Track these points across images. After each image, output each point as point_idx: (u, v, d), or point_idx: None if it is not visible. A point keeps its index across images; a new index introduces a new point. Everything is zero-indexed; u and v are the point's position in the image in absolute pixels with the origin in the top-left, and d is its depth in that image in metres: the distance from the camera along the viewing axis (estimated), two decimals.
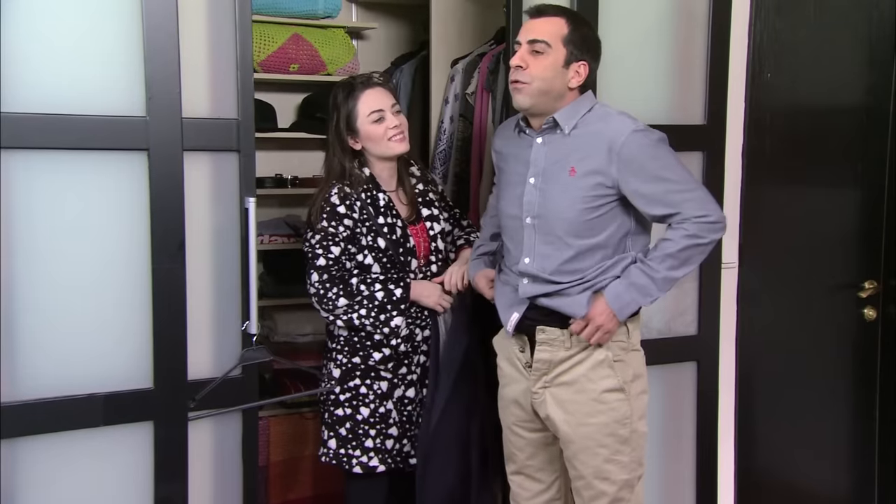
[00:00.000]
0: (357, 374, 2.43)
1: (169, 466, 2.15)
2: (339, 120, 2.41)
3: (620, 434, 2.16)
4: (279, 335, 3.69)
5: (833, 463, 3.21)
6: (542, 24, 2.12)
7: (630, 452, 2.18)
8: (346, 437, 2.44)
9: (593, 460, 2.16)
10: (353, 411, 2.43)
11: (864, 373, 3.17)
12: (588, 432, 2.16)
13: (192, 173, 2.14)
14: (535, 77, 2.10)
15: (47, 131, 2.00)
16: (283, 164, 3.73)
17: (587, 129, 2.14)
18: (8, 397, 2.00)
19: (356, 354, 2.43)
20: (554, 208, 2.14)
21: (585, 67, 2.14)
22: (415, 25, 3.89)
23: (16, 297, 2.01)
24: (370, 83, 2.42)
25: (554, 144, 2.16)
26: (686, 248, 2.10)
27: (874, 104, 3.09)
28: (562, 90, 2.13)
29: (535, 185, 2.17)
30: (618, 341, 2.17)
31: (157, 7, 2.05)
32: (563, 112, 2.15)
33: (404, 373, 2.46)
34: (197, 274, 2.17)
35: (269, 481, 3.38)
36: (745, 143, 2.88)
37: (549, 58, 2.10)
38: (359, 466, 2.43)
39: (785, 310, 3.07)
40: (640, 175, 2.09)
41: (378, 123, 2.39)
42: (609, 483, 2.17)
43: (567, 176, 2.13)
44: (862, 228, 3.13)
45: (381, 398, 2.43)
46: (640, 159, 2.09)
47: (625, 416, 2.16)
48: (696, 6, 2.68)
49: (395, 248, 2.39)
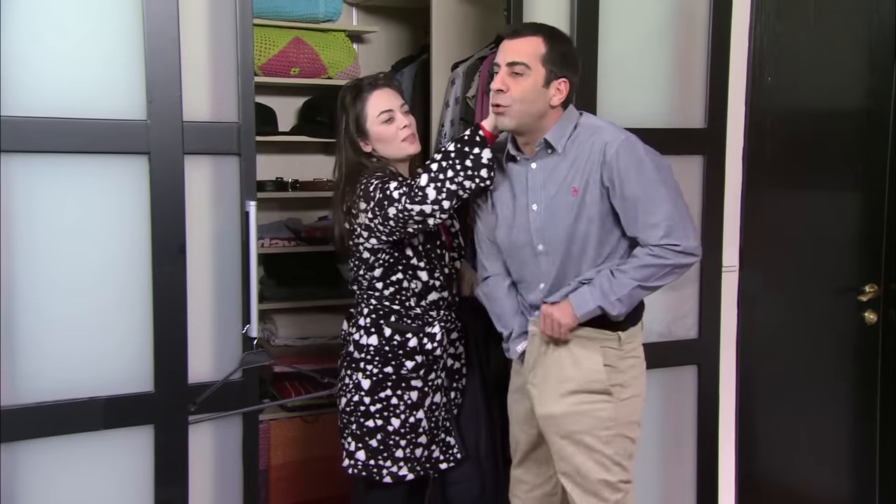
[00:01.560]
0: (388, 384, 2.36)
1: (169, 470, 2.14)
2: (348, 123, 2.37)
3: (601, 435, 2.16)
4: (280, 339, 3.69)
5: (834, 467, 3.20)
6: (519, 45, 2.13)
7: (612, 455, 2.17)
8: (377, 448, 2.37)
9: (574, 454, 2.17)
10: (385, 422, 2.36)
11: (864, 376, 3.17)
12: (567, 422, 2.16)
13: (192, 177, 2.14)
14: (517, 100, 2.11)
15: (48, 135, 2.00)
16: (284, 168, 3.73)
17: (578, 145, 2.14)
18: (8, 401, 2.00)
19: (388, 364, 2.35)
20: (561, 231, 2.15)
21: (566, 84, 2.14)
22: (415, 29, 3.89)
23: (16, 301, 2.01)
24: (377, 84, 2.39)
25: (549, 168, 2.17)
26: (647, 266, 2.10)
27: (874, 108, 3.09)
28: (544, 109, 2.14)
29: (538, 211, 2.18)
30: (610, 347, 2.18)
31: (158, 10, 2.05)
32: (553, 132, 2.15)
33: (433, 378, 2.42)
34: (197, 277, 2.17)
35: (269, 485, 3.38)
36: (745, 146, 2.88)
37: (528, 79, 2.11)
38: (389, 476, 2.37)
39: (786, 313, 3.06)
40: (622, 186, 2.09)
41: (388, 124, 2.35)
42: (589, 481, 2.17)
43: (570, 197, 2.13)
44: (862, 232, 3.13)
45: (412, 408, 2.37)
46: (625, 171, 2.09)
47: (610, 417, 2.17)
48: (697, 10, 2.68)
49: (433, 241, 2.36)
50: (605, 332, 2.17)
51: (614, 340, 2.18)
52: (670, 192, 2.12)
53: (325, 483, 3.34)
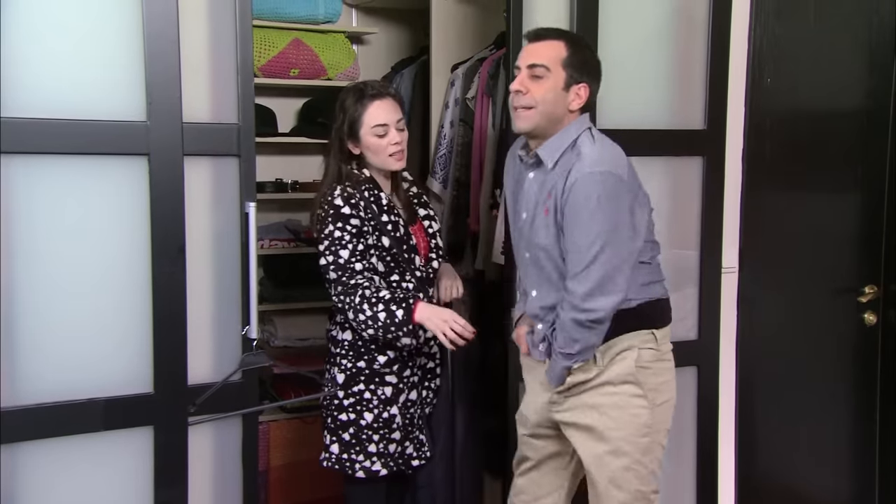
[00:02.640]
0: (361, 378, 2.42)
1: (169, 471, 2.14)
2: (343, 122, 2.40)
3: (640, 443, 2.16)
4: (279, 340, 3.69)
5: (834, 468, 3.20)
6: (541, 48, 2.13)
7: (648, 463, 2.17)
8: (350, 441, 2.43)
9: (610, 466, 2.16)
10: (357, 416, 2.43)
11: (864, 377, 3.17)
12: (608, 437, 2.15)
13: (192, 178, 2.14)
14: (537, 101, 2.11)
15: (48, 136, 1.99)
16: (284, 169, 3.73)
17: (568, 161, 2.12)
18: (8, 402, 2.00)
19: (361, 358, 2.43)
20: (539, 245, 2.16)
21: (586, 89, 2.15)
22: (415, 30, 3.90)
23: (16, 302, 2.00)
24: (381, 94, 2.40)
25: (539, 181, 2.17)
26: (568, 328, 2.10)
27: (874, 108, 3.09)
28: (562, 113, 2.14)
29: (526, 219, 2.20)
30: (646, 348, 2.17)
31: (158, 12, 2.05)
32: (548, 145, 2.14)
33: (407, 375, 2.46)
34: (197, 278, 2.17)
35: (269, 486, 3.38)
36: (745, 147, 2.88)
37: (548, 81, 2.11)
38: (362, 471, 2.43)
39: (785, 314, 3.06)
40: (567, 215, 2.06)
41: (380, 138, 2.37)
42: (623, 492, 2.16)
43: (543, 216, 2.14)
44: (862, 233, 3.12)
45: (386, 403, 2.43)
46: (575, 203, 2.05)
47: (646, 423, 2.16)
48: (696, 11, 2.68)
49: (399, 246, 2.39)
50: (641, 334, 2.17)
51: (651, 340, 2.18)
52: (607, 252, 2.03)
53: (325, 484, 3.34)
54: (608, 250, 2.03)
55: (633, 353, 2.16)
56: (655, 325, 2.20)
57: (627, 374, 2.15)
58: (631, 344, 2.16)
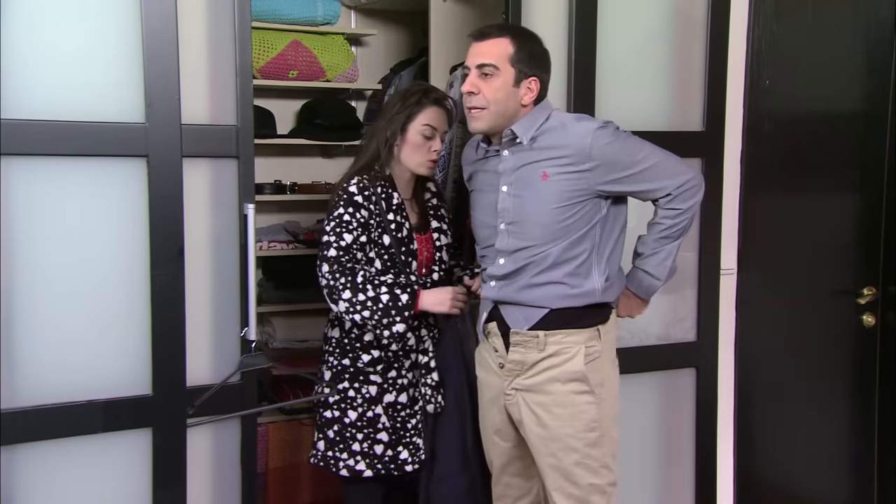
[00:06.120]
0: (346, 376, 2.44)
1: (167, 473, 2.14)
2: (400, 111, 2.43)
3: (589, 437, 2.17)
4: (278, 341, 3.69)
5: (832, 469, 3.20)
6: (487, 46, 2.15)
7: (600, 457, 2.18)
8: (334, 439, 2.44)
9: (562, 463, 2.17)
10: (341, 414, 2.44)
11: (863, 379, 3.17)
12: (557, 434, 2.17)
13: (191, 180, 2.14)
14: (489, 101, 2.14)
15: (47, 138, 2.00)
16: (282, 171, 3.73)
17: (550, 136, 2.16)
18: (7, 404, 2.00)
19: (346, 356, 2.44)
20: (529, 213, 2.17)
21: (536, 83, 2.17)
22: (414, 31, 3.90)
23: (15, 304, 2.00)
24: (442, 102, 2.45)
25: (521, 154, 2.19)
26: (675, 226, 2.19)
27: (872, 111, 3.09)
28: (516, 108, 2.17)
29: (508, 192, 2.20)
30: (589, 345, 2.19)
31: (157, 13, 2.05)
32: (520, 124, 2.17)
33: (394, 376, 2.45)
34: (196, 280, 2.17)
35: (267, 488, 3.37)
36: (743, 149, 2.88)
37: (498, 80, 2.13)
38: (345, 469, 2.43)
39: (784, 316, 3.07)
40: (616, 168, 2.13)
41: (426, 139, 2.41)
42: (577, 487, 2.17)
43: (540, 181, 2.15)
44: (860, 235, 3.13)
45: (370, 402, 2.43)
46: (612, 154, 2.12)
47: (593, 419, 2.17)
48: (695, 13, 2.68)
49: (398, 247, 2.39)
50: (587, 331, 2.19)
51: (595, 338, 2.20)
52: (654, 150, 2.18)
53: (324, 486, 3.34)
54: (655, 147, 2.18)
55: (579, 350, 2.17)
56: (598, 321, 2.22)
57: (575, 371, 2.16)
58: (577, 341, 2.18)
